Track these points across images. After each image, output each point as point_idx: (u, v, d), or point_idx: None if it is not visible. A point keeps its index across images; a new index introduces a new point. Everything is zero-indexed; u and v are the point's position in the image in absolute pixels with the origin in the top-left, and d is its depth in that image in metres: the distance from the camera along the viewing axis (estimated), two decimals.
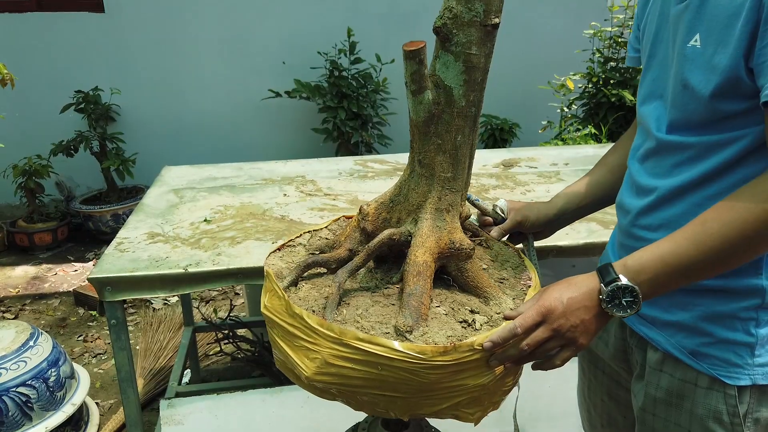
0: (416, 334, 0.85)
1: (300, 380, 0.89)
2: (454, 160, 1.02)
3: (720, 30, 0.83)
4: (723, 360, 0.92)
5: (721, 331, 0.92)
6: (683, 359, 0.95)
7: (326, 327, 0.84)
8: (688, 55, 0.88)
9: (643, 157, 1.02)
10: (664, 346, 0.97)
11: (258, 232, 1.60)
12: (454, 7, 0.93)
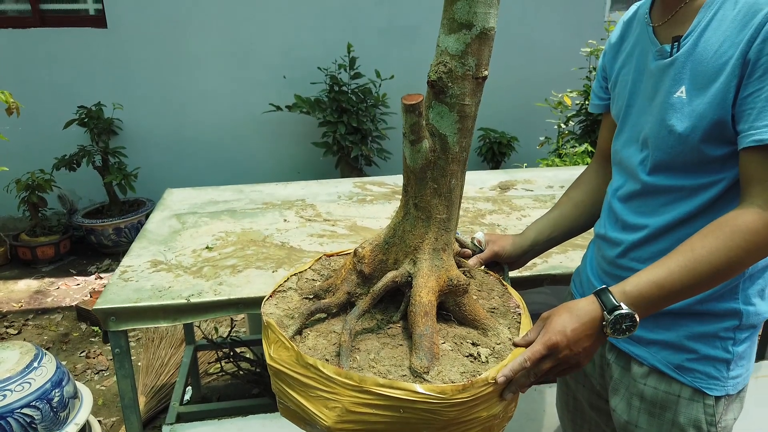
0: (432, 374, 0.90)
1: (315, 429, 0.92)
2: (449, 202, 1.07)
3: (705, 83, 0.93)
4: (704, 374, 1.03)
5: (704, 348, 1.03)
6: (669, 373, 1.06)
7: (344, 375, 0.87)
8: (674, 104, 0.97)
9: (626, 197, 1.12)
10: (649, 362, 1.08)
11: (258, 260, 1.63)
12: (448, 62, 0.97)
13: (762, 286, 1.03)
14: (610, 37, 1.23)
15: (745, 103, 0.88)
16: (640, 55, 1.09)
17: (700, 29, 0.95)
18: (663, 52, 1.00)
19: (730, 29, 0.90)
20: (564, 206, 1.32)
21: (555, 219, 1.30)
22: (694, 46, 0.95)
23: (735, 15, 0.90)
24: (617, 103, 1.16)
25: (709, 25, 0.94)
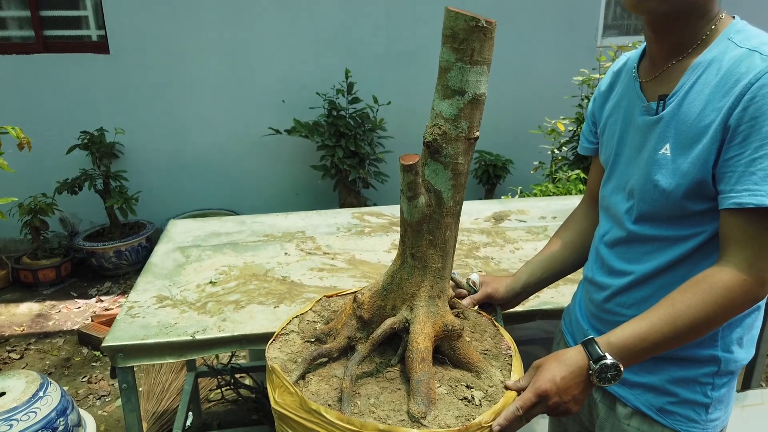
0: (429, 419, 0.96)
1: None
2: (444, 252, 1.13)
3: (688, 144, 0.99)
4: (685, 417, 1.09)
5: (684, 392, 1.09)
6: (651, 415, 1.11)
7: (346, 421, 0.92)
8: (659, 161, 1.03)
9: (612, 243, 1.18)
10: (633, 403, 1.13)
11: (261, 295, 1.69)
12: (442, 125, 1.04)
13: (740, 335, 1.08)
14: (600, 84, 1.29)
15: (726, 165, 0.93)
16: (627, 107, 1.15)
17: (685, 91, 1.00)
18: (649, 109, 1.06)
19: (712, 94, 0.96)
20: (554, 247, 1.38)
21: (546, 260, 1.36)
22: (678, 107, 1.01)
23: (718, 81, 0.96)
24: (605, 150, 1.22)
25: (693, 88, 0.99)
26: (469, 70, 1.00)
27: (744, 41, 0.97)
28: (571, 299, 1.43)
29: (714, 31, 1.01)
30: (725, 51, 0.98)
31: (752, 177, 0.91)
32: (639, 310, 1.05)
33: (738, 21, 1.03)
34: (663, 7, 0.98)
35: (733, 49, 0.97)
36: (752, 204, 0.90)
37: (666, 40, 1.05)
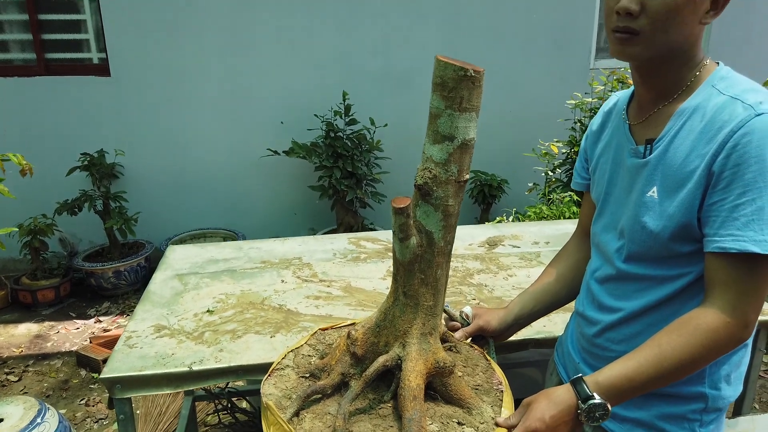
0: None
1: None
2: (435, 290, 1.16)
3: (674, 188, 1.02)
4: None
5: (672, 428, 1.11)
6: None
7: None
8: (647, 203, 1.06)
9: (602, 279, 1.21)
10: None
11: (257, 324, 1.72)
12: (432, 168, 1.07)
13: (728, 372, 1.10)
14: (592, 123, 1.33)
15: (710, 210, 0.97)
16: (617, 148, 1.18)
17: (671, 136, 1.04)
18: (637, 152, 1.10)
19: (697, 140, 0.99)
20: (546, 280, 1.40)
21: (538, 293, 1.38)
22: (664, 152, 1.04)
23: (702, 127, 0.99)
24: (597, 188, 1.26)
25: (679, 134, 1.02)
26: (458, 116, 1.03)
27: (727, 89, 1.00)
28: (564, 329, 1.45)
29: (698, 78, 1.05)
30: (709, 98, 1.01)
31: (735, 222, 0.94)
32: (628, 346, 1.08)
33: (722, 68, 1.06)
34: (646, 54, 1.02)
35: (717, 96, 1.00)
36: (735, 249, 0.93)
37: (652, 85, 1.09)
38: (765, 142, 0.92)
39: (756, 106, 0.94)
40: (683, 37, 1.00)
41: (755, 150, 0.92)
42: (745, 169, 0.92)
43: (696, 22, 1.00)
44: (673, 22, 0.97)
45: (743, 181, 0.93)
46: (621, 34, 1.01)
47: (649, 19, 0.98)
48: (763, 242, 0.91)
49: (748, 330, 0.97)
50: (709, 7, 1.00)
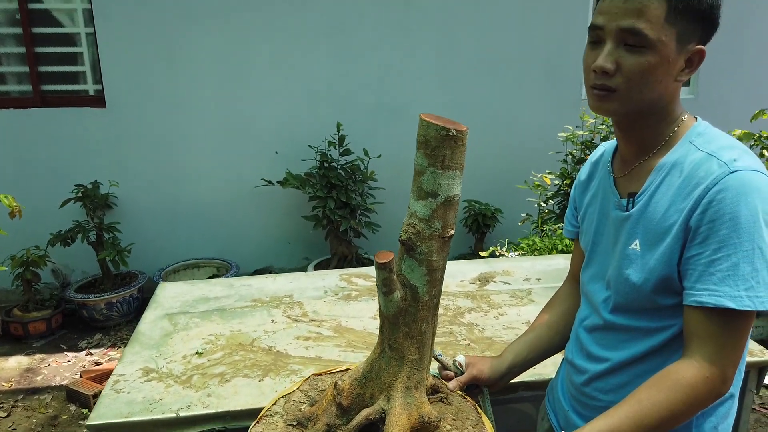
0: None
1: None
2: (420, 344, 1.16)
3: (655, 241, 1.04)
4: None
5: None
6: None
7: None
8: (630, 256, 1.08)
9: (590, 328, 1.22)
10: None
11: (246, 367, 1.71)
12: (416, 224, 1.08)
13: (714, 424, 1.11)
14: (580, 174, 1.35)
15: (688, 263, 0.99)
16: (603, 199, 1.20)
17: (651, 191, 1.06)
18: (621, 205, 1.12)
19: (675, 195, 1.01)
20: (539, 328, 1.40)
21: (531, 341, 1.38)
22: (645, 206, 1.06)
23: (680, 183, 1.01)
24: (585, 237, 1.27)
25: (659, 189, 1.05)
26: (442, 174, 1.05)
27: (704, 145, 1.03)
28: (555, 374, 1.45)
29: (677, 133, 1.07)
30: (687, 154, 1.03)
31: (711, 277, 0.95)
32: (616, 396, 1.09)
33: (699, 123, 1.09)
34: (622, 110, 1.04)
35: (694, 152, 1.02)
36: (711, 304, 0.95)
37: (632, 140, 1.11)
38: (738, 199, 0.94)
39: (730, 163, 0.96)
40: (658, 95, 1.03)
41: (729, 207, 0.94)
42: (720, 225, 0.94)
43: (671, 81, 1.02)
44: (648, 80, 1.00)
45: (718, 236, 0.94)
46: (598, 91, 1.04)
47: (624, 77, 1.00)
48: (738, 298, 0.93)
49: (727, 385, 0.98)
50: (684, 66, 1.03)
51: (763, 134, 3.56)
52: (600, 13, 1.03)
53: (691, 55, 1.02)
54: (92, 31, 4.01)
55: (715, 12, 1.02)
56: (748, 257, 0.93)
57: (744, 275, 0.93)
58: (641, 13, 0.97)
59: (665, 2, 0.97)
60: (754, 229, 0.93)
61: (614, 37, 1.00)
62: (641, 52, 0.98)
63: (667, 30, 0.98)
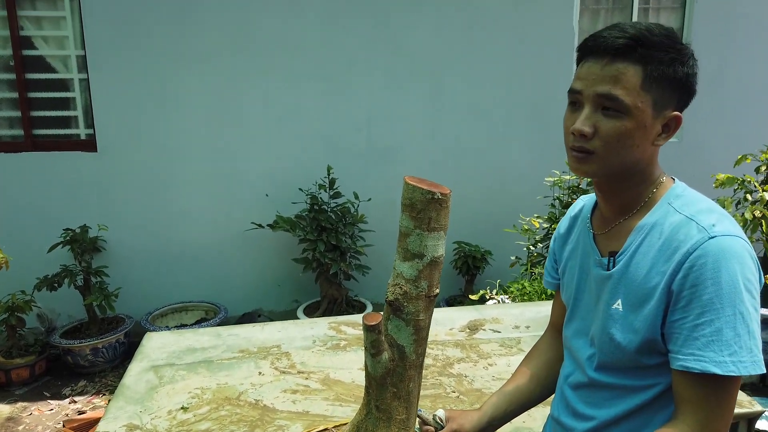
0: None
1: None
2: (408, 403, 1.16)
3: (638, 303, 1.05)
4: None
5: None
6: None
7: None
8: (613, 315, 1.09)
9: (575, 386, 1.23)
10: None
11: (232, 422, 1.68)
12: (403, 285, 1.09)
13: None
14: (559, 227, 1.37)
15: (672, 327, 1.00)
16: (583, 254, 1.22)
17: (632, 251, 1.07)
18: (602, 264, 1.13)
19: (656, 257, 1.03)
20: (520, 380, 1.40)
21: (511, 393, 1.37)
22: (627, 266, 1.08)
23: (660, 245, 1.03)
24: (566, 291, 1.29)
25: (639, 249, 1.06)
26: (427, 236, 1.06)
27: (682, 207, 1.05)
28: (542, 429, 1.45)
29: (655, 195, 1.10)
30: (666, 216, 1.06)
31: (696, 342, 0.96)
32: None
33: (677, 185, 1.11)
34: (600, 172, 1.07)
35: (673, 214, 1.05)
36: (697, 369, 0.96)
37: (612, 201, 1.13)
38: (719, 264, 0.95)
39: (709, 228, 0.98)
40: (636, 158, 1.05)
41: (710, 272, 0.95)
42: (702, 290, 0.96)
43: (648, 145, 1.05)
44: (625, 144, 1.02)
45: (701, 301, 0.96)
46: (577, 153, 1.06)
47: (602, 141, 1.03)
48: (723, 363, 0.94)
49: None
50: (661, 131, 1.06)
51: (747, 178, 3.63)
52: (578, 78, 1.06)
53: (668, 121, 1.05)
54: (85, 77, 4.06)
55: (691, 80, 1.05)
56: (731, 322, 0.95)
57: (727, 340, 0.94)
58: (617, 80, 1.00)
59: (641, 70, 1.00)
60: (735, 295, 0.95)
61: (592, 102, 1.03)
62: (618, 117, 1.01)
63: (643, 97, 1.01)
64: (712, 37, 4.59)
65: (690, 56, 1.03)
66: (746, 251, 0.98)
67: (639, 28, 1.01)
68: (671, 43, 1.01)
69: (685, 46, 1.03)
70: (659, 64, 1.00)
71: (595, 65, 1.03)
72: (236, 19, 4.08)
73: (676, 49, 1.02)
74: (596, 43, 1.03)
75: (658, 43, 1.00)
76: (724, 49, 4.62)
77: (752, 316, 0.96)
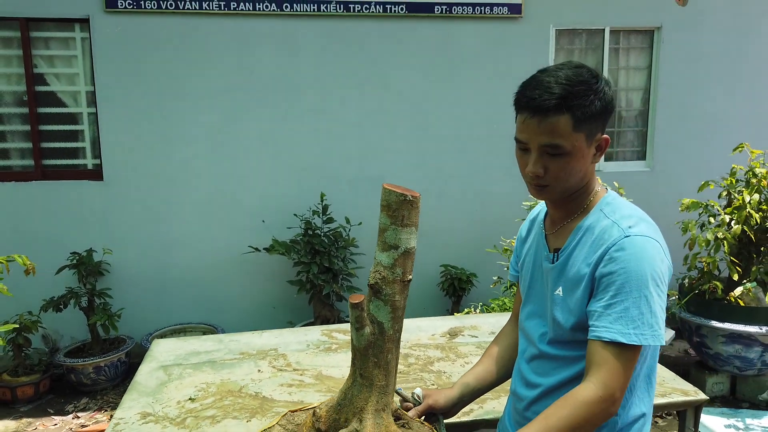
0: None
1: None
2: (387, 371, 1.39)
3: (572, 289, 1.31)
4: None
5: None
6: None
7: None
8: (555, 299, 1.35)
9: (528, 359, 1.47)
10: None
11: (235, 410, 1.89)
12: (382, 271, 1.33)
13: None
14: (521, 229, 1.62)
15: (591, 306, 1.25)
16: (536, 251, 1.48)
17: (571, 248, 1.33)
18: (549, 258, 1.39)
19: (587, 252, 1.29)
20: (486, 362, 1.64)
21: (478, 373, 1.61)
22: (566, 260, 1.34)
23: (591, 242, 1.29)
24: (523, 283, 1.54)
25: (576, 246, 1.32)
26: (401, 230, 1.32)
27: (610, 213, 1.31)
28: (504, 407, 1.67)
29: (591, 203, 1.36)
30: (598, 220, 1.32)
31: (608, 318, 1.22)
32: None
33: (609, 194, 1.38)
34: (555, 196, 1.33)
35: (603, 219, 1.31)
36: (607, 338, 1.21)
37: (559, 208, 1.40)
38: (630, 257, 1.22)
39: (626, 229, 1.25)
40: (580, 179, 1.32)
41: (622, 263, 1.22)
42: (615, 277, 1.22)
43: (587, 166, 1.31)
44: (570, 174, 1.28)
45: (614, 286, 1.22)
46: (535, 187, 1.32)
47: (552, 176, 1.28)
48: (627, 334, 1.19)
49: (616, 405, 1.21)
50: (595, 152, 1.32)
51: (710, 203, 3.92)
52: (521, 131, 1.30)
53: (599, 143, 1.31)
54: (94, 111, 4.34)
55: (609, 105, 1.31)
56: (636, 304, 1.20)
57: (632, 317, 1.20)
58: (554, 132, 1.24)
59: (570, 117, 1.24)
60: (641, 282, 1.20)
61: (537, 149, 1.28)
62: (561, 156, 1.26)
63: (576, 135, 1.25)
64: (678, 75, 4.96)
65: (603, 89, 1.28)
66: (654, 248, 1.24)
67: (560, 82, 1.23)
68: (588, 88, 1.25)
69: (599, 82, 1.27)
70: (583, 108, 1.24)
71: (531, 121, 1.26)
72: (236, 59, 4.41)
73: (593, 90, 1.25)
74: (529, 104, 1.25)
75: (578, 93, 1.23)
76: (689, 84, 4.98)
77: (655, 300, 1.21)
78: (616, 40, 4.98)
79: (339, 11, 4.45)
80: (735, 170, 3.92)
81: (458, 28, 4.65)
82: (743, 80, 5.07)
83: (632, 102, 5.12)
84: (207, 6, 4.29)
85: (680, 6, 4.86)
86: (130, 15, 4.25)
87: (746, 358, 3.74)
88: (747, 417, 3.66)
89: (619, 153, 5.11)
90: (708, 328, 3.78)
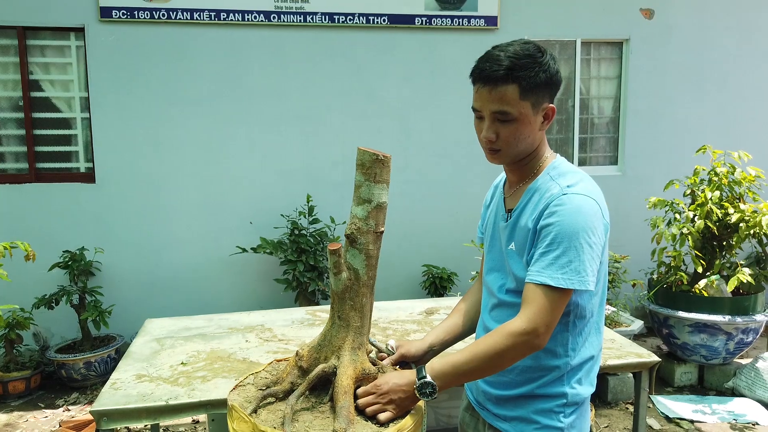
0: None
1: None
2: (362, 314, 1.55)
3: (522, 242, 1.49)
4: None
5: (544, 419, 1.49)
6: None
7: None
8: (509, 254, 1.53)
9: (489, 309, 1.64)
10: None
11: (224, 371, 2.04)
12: (357, 223, 1.51)
13: (580, 376, 1.50)
14: (486, 197, 1.81)
15: (531, 255, 1.43)
16: (496, 212, 1.66)
17: (521, 208, 1.51)
18: (504, 217, 1.57)
19: (533, 210, 1.46)
20: (455, 316, 1.80)
21: (447, 326, 1.78)
22: (517, 218, 1.51)
23: (536, 201, 1.47)
24: (485, 242, 1.72)
25: (526, 206, 1.50)
26: (374, 186, 1.49)
27: (556, 177, 1.49)
28: None
29: (541, 167, 1.54)
30: (545, 182, 1.50)
31: (541, 263, 1.39)
32: None
33: (557, 159, 1.56)
34: (507, 160, 1.51)
35: (549, 181, 1.49)
36: (538, 281, 1.37)
37: (515, 173, 1.58)
38: (565, 211, 1.39)
39: (564, 188, 1.43)
40: (529, 144, 1.50)
41: (558, 216, 1.39)
42: (551, 228, 1.39)
43: (536, 133, 1.50)
44: (519, 139, 1.46)
45: (550, 236, 1.39)
46: (489, 151, 1.51)
47: (503, 141, 1.47)
48: (555, 278, 1.36)
49: (539, 339, 1.36)
50: (543, 120, 1.51)
51: (675, 201, 4.15)
52: (475, 100, 1.49)
53: (546, 112, 1.50)
54: (87, 116, 4.50)
55: (554, 78, 1.51)
56: (567, 252, 1.36)
57: (562, 264, 1.36)
58: (503, 99, 1.43)
59: (517, 87, 1.42)
60: (573, 234, 1.37)
61: (490, 116, 1.47)
62: (510, 123, 1.45)
63: (523, 104, 1.43)
64: (646, 83, 5.23)
65: (548, 62, 1.48)
66: (589, 205, 1.40)
67: (509, 56, 1.42)
68: (533, 61, 1.43)
69: (544, 56, 1.47)
70: (528, 78, 1.42)
71: (483, 90, 1.45)
72: (225, 67, 4.61)
73: (538, 62, 1.44)
74: (481, 74, 1.45)
75: (524, 65, 1.42)
76: (657, 92, 5.26)
77: (585, 251, 1.37)
78: (587, 51, 5.26)
79: (324, 22, 4.68)
80: (698, 170, 4.16)
81: (438, 39, 4.90)
82: (707, 88, 5.35)
83: (604, 110, 5.38)
84: (198, 16, 4.50)
85: (647, 19, 5.16)
86: (124, 24, 4.44)
87: (711, 347, 3.94)
88: (713, 402, 3.84)
89: (592, 158, 5.36)
90: (675, 319, 3.97)
